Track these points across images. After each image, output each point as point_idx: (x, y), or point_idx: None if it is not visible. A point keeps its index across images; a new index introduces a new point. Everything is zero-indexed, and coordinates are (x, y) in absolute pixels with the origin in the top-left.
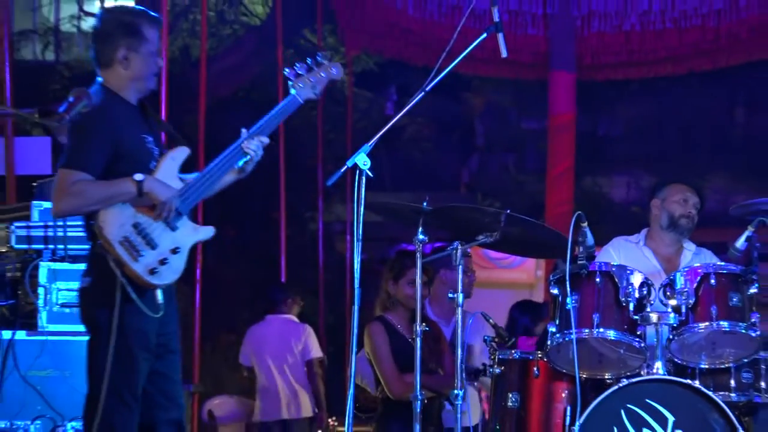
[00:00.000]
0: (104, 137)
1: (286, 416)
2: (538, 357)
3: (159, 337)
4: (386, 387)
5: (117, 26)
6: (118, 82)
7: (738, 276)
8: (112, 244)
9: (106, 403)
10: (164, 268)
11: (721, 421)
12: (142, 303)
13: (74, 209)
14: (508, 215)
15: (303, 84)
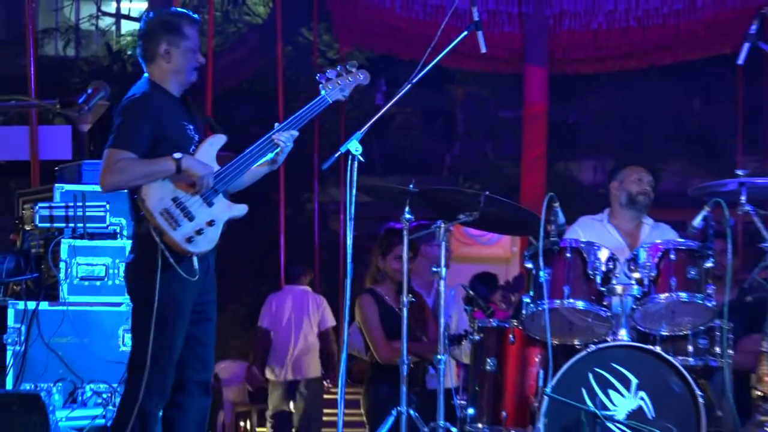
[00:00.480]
0: (147, 121)
1: (291, 378)
2: (513, 325)
3: (197, 305)
4: (375, 353)
5: (159, 24)
6: (161, 74)
7: (695, 251)
8: (153, 214)
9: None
10: (200, 238)
11: (680, 383)
12: (180, 268)
13: (119, 184)
14: (487, 196)
15: (333, 87)
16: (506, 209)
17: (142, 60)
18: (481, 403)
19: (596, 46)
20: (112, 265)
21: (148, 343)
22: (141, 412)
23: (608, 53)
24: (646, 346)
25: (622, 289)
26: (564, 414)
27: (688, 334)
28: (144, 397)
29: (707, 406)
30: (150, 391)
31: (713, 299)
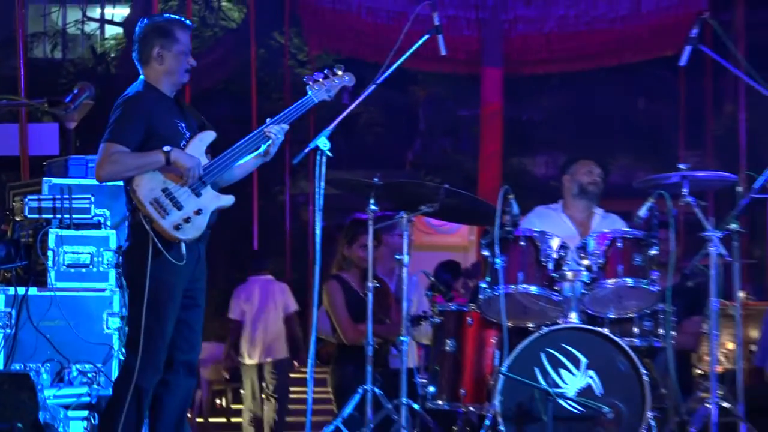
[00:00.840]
0: (139, 118)
1: (264, 359)
2: (471, 309)
3: (187, 291)
4: (342, 335)
5: (152, 30)
6: (155, 76)
7: (640, 240)
8: (143, 203)
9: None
10: (188, 226)
11: (626, 362)
12: (169, 254)
13: (113, 175)
14: (446, 189)
15: (319, 88)
16: (464, 201)
17: (138, 62)
18: (441, 381)
19: (548, 49)
20: (97, 254)
21: (141, 324)
22: (136, 387)
23: (559, 56)
24: (594, 328)
25: (572, 275)
26: (518, 391)
27: (634, 317)
28: (139, 374)
29: (651, 383)
30: (144, 368)
31: (657, 284)
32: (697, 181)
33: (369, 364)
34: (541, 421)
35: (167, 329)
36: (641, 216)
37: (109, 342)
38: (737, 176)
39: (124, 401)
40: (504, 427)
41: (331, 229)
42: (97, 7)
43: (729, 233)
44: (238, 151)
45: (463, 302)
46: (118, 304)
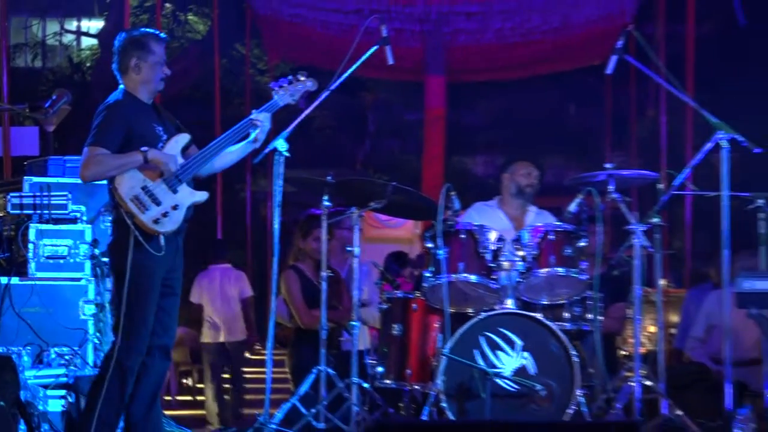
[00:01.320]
0: (119, 123)
1: (223, 339)
2: (416, 296)
3: (166, 280)
4: (298, 320)
5: (130, 42)
6: (133, 84)
7: (570, 233)
8: (124, 200)
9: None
10: (166, 220)
11: (558, 344)
12: (149, 246)
13: (96, 175)
14: (394, 186)
15: (283, 92)
16: (410, 197)
17: (117, 72)
18: (389, 362)
19: (486, 58)
20: (73, 246)
21: (122, 312)
22: (121, 368)
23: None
24: (528, 313)
25: (508, 265)
26: (459, 371)
27: (565, 303)
28: (124, 355)
29: (580, 364)
30: (129, 350)
31: (586, 273)
32: (622, 179)
33: (323, 346)
34: (480, 398)
35: (149, 315)
36: (571, 211)
37: (84, 327)
38: (658, 174)
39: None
40: (446, 404)
41: (288, 224)
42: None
43: (651, 226)
44: (219, 144)
45: (409, 290)
46: (92, 292)
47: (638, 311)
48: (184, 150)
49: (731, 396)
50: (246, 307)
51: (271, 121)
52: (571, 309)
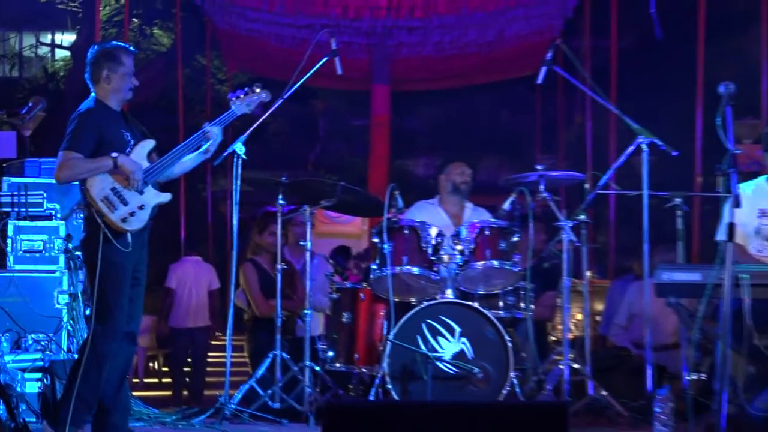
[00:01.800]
0: (91, 130)
1: (192, 325)
2: (364, 286)
3: (133, 272)
4: (255, 309)
5: (102, 54)
6: (104, 93)
7: (504, 228)
8: (95, 200)
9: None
10: (133, 219)
11: (493, 331)
12: (117, 242)
13: (70, 177)
14: (343, 186)
15: (240, 102)
16: (358, 196)
17: (90, 82)
18: (339, 347)
19: (427, 69)
20: (49, 241)
21: (95, 301)
22: (98, 352)
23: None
24: (466, 303)
25: (448, 258)
26: (403, 355)
27: (500, 293)
28: (100, 340)
29: (514, 348)
30: (105, 335)
31: (518, 265)
32: (551, 180)
33: (278, 333)
34: (422, 380)
35: (122, 303)
36: (505, 209)
37: (59, 315)
38: (585, 175)
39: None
40: (391, 385)
41: (245, 220)
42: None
43: (578, 223)
44: (177, 153)
45: (357, 281)
46: (66, 283)
47: (567, 300)
48: (149, 154)
49: (651, 378)
50: (213, 298)
51: (222, 134)
52: (506, 298)
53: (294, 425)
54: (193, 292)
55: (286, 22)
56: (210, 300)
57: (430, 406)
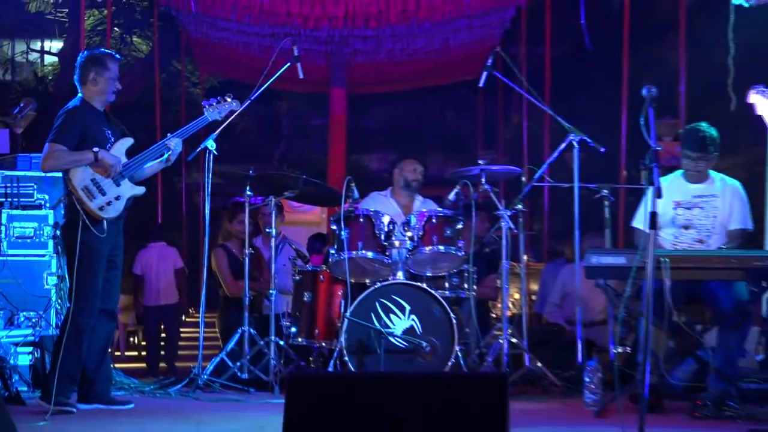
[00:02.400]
0: (76, 126)
1: (162, 302)
2: (323, 269)
3: (109, 256)
4: (226, 289)
5: (90, 59)
6: (89, 94)
7: (450, 217)
8: (76, 189)
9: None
10: (109, 208)
11: (440, 309)
12: (94, 228)
13: (54, 167)
14: (304, 179)
15: (212, 110)
16: (318, 188)
17: (78, 83)
18: (301, 324)
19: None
20: (38, 228)
21: (73, 282)
22: (76, 327)
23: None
24: (415, 284)
25: (399, 244)
26: (358, 331)
27: (445, 275)
28: (77, 316)
29: (458, 325)
30: (81, 312)
31: (462, 250)
32: (492, 173)
33: (246, 311)
34: (376, 353)
35: (97, 283)
36: (450, 199)
37: (48, 295)
38: (522, 169)
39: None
40: (348, 358)
41: (216, 210)
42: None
43: (516, 212)
44: (147, 154)
45: (318, 264)
46: (54, 266)
47: (506, 281)
48: (127, 151)
49: (582, 351)
50: (178, 276)
51: (181, 145)
52: (451, 280)
53: (260, 394)
54: (160, 273)
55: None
56: (176, 278)
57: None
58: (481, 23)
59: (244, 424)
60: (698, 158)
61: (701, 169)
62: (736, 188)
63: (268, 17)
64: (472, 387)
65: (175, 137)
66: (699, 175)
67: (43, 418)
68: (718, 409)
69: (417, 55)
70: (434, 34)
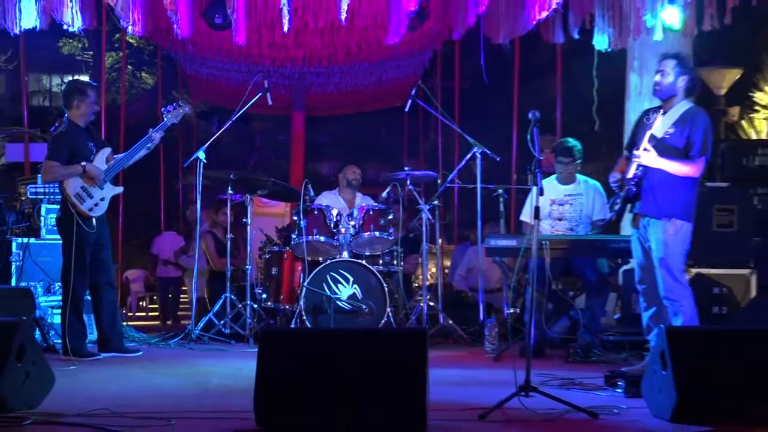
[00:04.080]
0: (65, 145)
1: (171, 275)
2: (287, 250)
3: (98, 241)
4: (212, 265)
5: (73, 89)
6: (74, 117)
7: (383, 210)
8: (70, 195)
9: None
10: (97, 208)
11: (375, 279)
12: (85, 225)
13: (51, 180)
14: (272, 181)
15: (171, 116)
16: (283, 188)
17: (64, 107)
18: (270, 291)
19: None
20: None
21: (71, 262)
22: (75, 294)
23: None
24: (357, 261)
25: (344, 231)
26: (314, 297)
27: (380, 254)
28: (76, 286)
29: (389, 292)
30: (78, 282)
31: (392, 235)
32: (415, 177)
33: (228, 281)
34: (328, 314)
35: (87, 264)
36: (384, 196)
37: None
38: (437, 174)
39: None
40: (306, 317)
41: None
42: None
43: (433, 206)
44: (132, 152)
45: (282, 246)
46: None
47: (425, 259)
48: (107, 157)
49: (483, 311)
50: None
51: (160, 139)
52: (384, 258)
53: (239, 344)
54: (171, 253)
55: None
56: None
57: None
58: (407, 63)
59: (226, 367)
60: (568, 163)
61: (570, 172)
62: (597, 187)
63: (245, 58)
64: (400, 339)
65: (157, 131)
66: (569, 177)
67: (72, 363)
68: (586, 356)
69: (358, 87)
70: (371, 72)
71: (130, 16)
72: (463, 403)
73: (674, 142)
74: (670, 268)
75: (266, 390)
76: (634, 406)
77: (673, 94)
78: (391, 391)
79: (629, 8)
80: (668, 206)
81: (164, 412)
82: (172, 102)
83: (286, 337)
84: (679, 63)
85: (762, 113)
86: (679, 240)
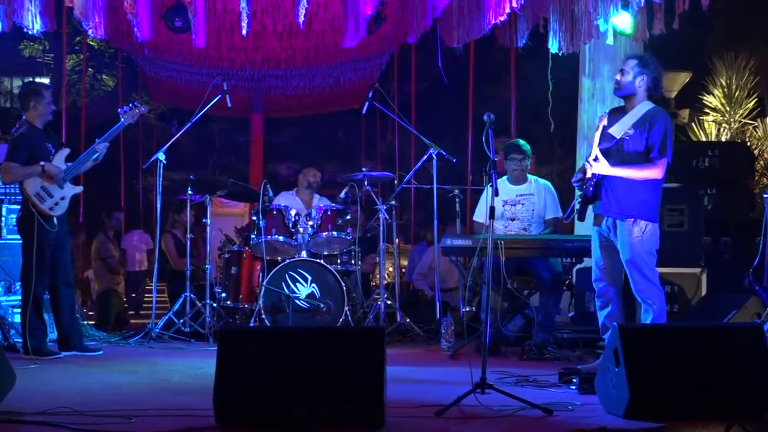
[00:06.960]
0: (24, 146)
1: (137, 269)
2: (246, 249)
3: (57, 241)
4: (173, 264)
5: (29, 90)
6: (31, 118)
7: (341, 210)
8: (30, 195)
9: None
10: (57, 207)
11: (333, 279)
12: (45, 224)
13: (11, 180)
14: (232, 182)
15: (127, 116)
16: (242, 188)
17: (21, 109)
18: (229, 290)
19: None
20: None
21: (31, 262)
22: (35, 293)
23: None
24: (315, 260)
25: (303, 231)
26: (273, 296)
27: (338, 254)
28: (36, 285)
29: (347, 291)
30: (38, 282)
31: (350, 235)
32: (372, 177)
33: (188, 280)
34: (286, 312)
35: (46, 263)
36: (341, 197)
37: None
38: (394, 175)
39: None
40: (264, 316)
41: (166, 205)
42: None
43: (390, 206)
44: (83, 158)
45: (241, 246)
46: None
47: (382, 258)
48: (66, 159)
49: (439, 310)
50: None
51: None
52: (341, 257)
53: (199, 343)
54: (139, 249)
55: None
56: (147, 255)
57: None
58: (364, 66)
59: (186, 365)
60: (521, 159)
61: (523, 169)
62: (548, 186)
63: (204, 61)
64: (357, 337)
65: (102, 142)
66: (521, 175)
67: (33, 361)
68: (540, 353)
69: (316, 90)
70: (329, 74)
71: (90, 19)
72: (420, 400)
73: (634, 144)
74: (640, 269)
75: (225, 388)
76: (588, 403)
77: (632, 92)
78: (348, 389)
79: (581, 13)
80: (630, 208)
81: (124, 410)
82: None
83: (245, 336)
84: (640, 63)
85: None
86: (646, 241)
